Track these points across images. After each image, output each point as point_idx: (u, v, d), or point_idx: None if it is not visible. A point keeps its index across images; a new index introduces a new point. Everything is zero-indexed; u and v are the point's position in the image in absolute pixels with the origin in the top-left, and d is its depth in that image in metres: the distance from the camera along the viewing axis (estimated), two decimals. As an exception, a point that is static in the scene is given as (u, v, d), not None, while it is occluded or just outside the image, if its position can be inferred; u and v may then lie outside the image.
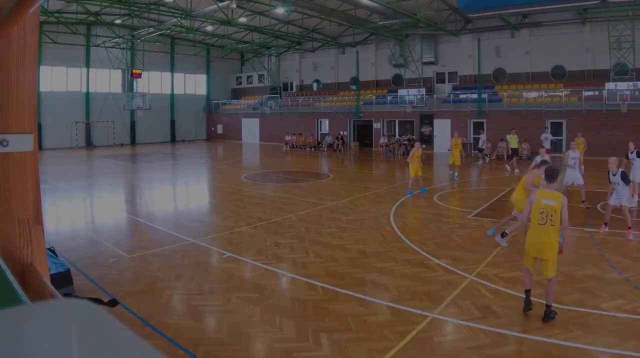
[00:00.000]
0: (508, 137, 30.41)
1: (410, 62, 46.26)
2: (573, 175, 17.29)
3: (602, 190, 18.22)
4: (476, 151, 38.53)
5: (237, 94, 67.39)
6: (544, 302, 8.14)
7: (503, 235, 12.72)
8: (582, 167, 18.58)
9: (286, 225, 15.36)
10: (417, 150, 20.73)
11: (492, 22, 43.01)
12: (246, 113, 60.94)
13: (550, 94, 39.59)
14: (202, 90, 65.18)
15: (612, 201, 13.97)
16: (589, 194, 18.09)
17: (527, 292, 8.42)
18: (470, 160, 36.00)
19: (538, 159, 15.40)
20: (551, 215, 7.96)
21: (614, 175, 13.87)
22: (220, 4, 35.69)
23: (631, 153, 18.34)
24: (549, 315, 8.05)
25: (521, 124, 35.21)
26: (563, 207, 7.98)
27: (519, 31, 43.40)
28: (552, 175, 8.47)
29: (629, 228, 13.67)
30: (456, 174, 25.17)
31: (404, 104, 44.10)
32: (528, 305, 8.34)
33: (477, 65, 45.16)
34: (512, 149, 30.10)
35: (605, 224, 14.15)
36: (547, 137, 32.16)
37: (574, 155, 17.63)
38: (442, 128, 42.37)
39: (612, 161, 14.22)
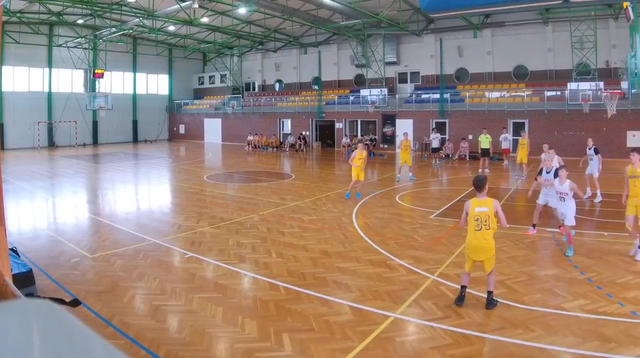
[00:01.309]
0: (480, 137, 30.37)
1: (372, 62, 46.44)
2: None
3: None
4: (429, 152, 38.75)
5: (199, 94, 67.07)
6: (499, 300, 8.49)
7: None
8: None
9: (248, 225, 15.31)
10: (359, 152, 20.01)
11: (454, 22, 43.32)
12: (208, 113, 60.71)
13: (513, 94, 39.96)
14: (164, 90, 64.80)
15: (541, 200, 14.07)
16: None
17: (463, 287, 8.89)
18: (427, 160, 36.23)
19: (555, 162, 15.20)
20: (485, 221, 8.57)
21: (547, 172, 13.98)
22: (182, 4, 35.42)
23: (589, 149, 18.68)
24: (491, 301, 8.61)
25: (483, 124, 35.32)
26: (497, 209, 8.69)
27: (481, 31, 43.84)
28: (479, 185, 8.95)
29: (560, 226, 13.84)
30: (410, 173, 25.32)
31: (366, 104, 44.07)
32: (461, 299, 8.78)
33: (439, 65, 45.62)
34: (482, 148, 29.71)
35: (534, 226, 14.20)
36: (506, 137, 32.50)
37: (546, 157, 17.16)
38: (404, 128, 42.11)
39: (548, 158, 14.41)
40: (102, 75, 50.39)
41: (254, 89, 62.18)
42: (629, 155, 12.24)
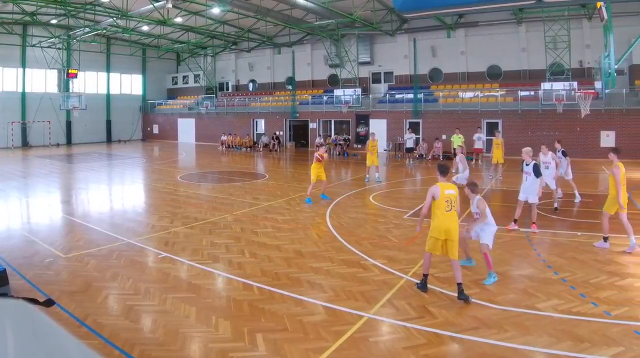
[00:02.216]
0: (452, 137, 30.28)
1: (346, 62, 46.53)
2: (546, 179, 16.46)
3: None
4: (402, 151, 38.95)
5: (172, 94, 66.73)
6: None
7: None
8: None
9: (222, 225, 15.29)
10: (322, 153, 19.75)
11: (428, 22, 43.46)
12: (182, 113, 60.47)
13: (486, 94, 40.13)
14: (137, 90, 64.37)
15: (521, 196, 14.41)
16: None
17: (426, 276, 9.50)
18: (401, 160, 36.36)
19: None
20: (455, 202, 9.23)
21: (527, 165, 14.27)
22: (156, 4, 35.26)
23: (558, 151, 18.88)
24: (462, 292, 8.87)
25: (457, 124, 35.62)
26: (458, 194, 9.38)
27: (455, 31, 44.06)
28: (444, 170, 9.79)
29: (533, 223, 14.24)
30: (377, 174, 25.41)
31: (339, 104, 44.02)
32: (425, 287, 9.42)
33: (412, 65, 45.67)
34: (455, 149, 29.62)
35: (515, 221, 14.52)
36: (479, 137, 32.67)
37: (545, 159, 17.15)
38: (378, 128, 42.33)
39: (527, 151, 14.62)
40: (75, 75, 49.72)
41: (227, 89, 62.07)
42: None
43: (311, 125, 48.84)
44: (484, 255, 10.19)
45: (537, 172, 14.28)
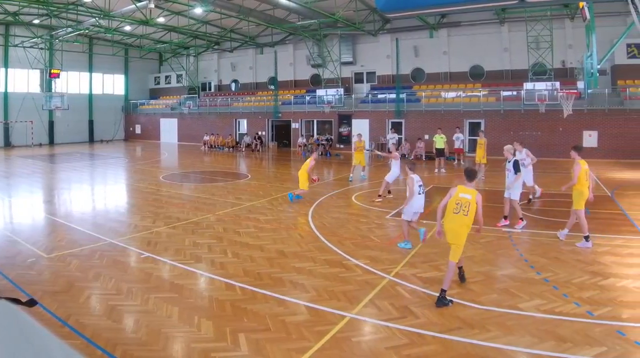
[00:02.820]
0: (435, 137, 30.30)
1: (328, 62, 46.55)
2: (525, 177, 16.60)
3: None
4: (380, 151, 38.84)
5: (155, 94, 66.44)
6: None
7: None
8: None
9: (204, 225, 15.26)
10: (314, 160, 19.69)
11: (411, 22, 43.52)
12: (164, 113, 60.22)
13: (469, 94, 40.27)
14: (120, 90, 64.01)
15: (506, 193, 14.76)
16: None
17: (459, 268, 9.73)
18: (384, 160, 36.37)
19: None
20: (465, 207, 8.96)
21: (508, 162, 14.65)
22: (138, 4, 35.11)
23: (519, 153, 19.14)
24: (441, 300, 8.72)
25: (440, 124, 35.52)
26: (478, 202, 9.05)
27: (437, 31, 44.17)
28: (471, 175, 9.59)
29: (520, 219, 14.59)
30: (362, 173, 25.44)
31: (322, 104, 44.07)
32: (463, 278, 9.78)
33: (395, 65, 45.80)
34: (437, 149, 29.83)
35: (505, 218, 14.83)
36: (458, 137, 32.75)
37: (520, 156, 17.00)
38: (360, 128, 42.28)
39: (508, 149, 14.99)
40: (58, 75, 49.47)
41: (210, 89, 61.89)
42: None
43: (293, 125, 48.77)
44: (402, 224, 12.67)
45: (516, 168, 14.54)
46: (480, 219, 9.22)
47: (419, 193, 12.42)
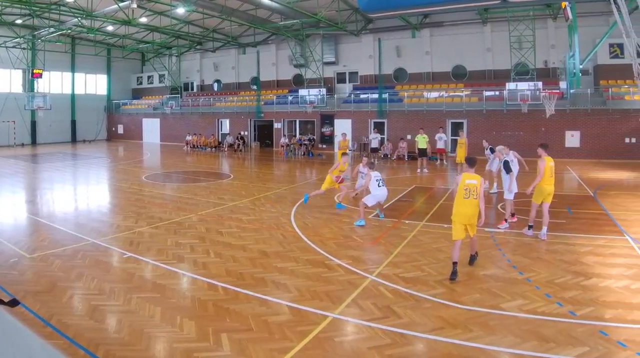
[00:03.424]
0: (417, 137, 30.22)
1: (311, 62, 46.56)
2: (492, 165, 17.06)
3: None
4: (367, 151, 38.81)
5: (137, 94, 65.98)
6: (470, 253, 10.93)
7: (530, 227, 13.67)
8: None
9: (187, 225, 15.23)
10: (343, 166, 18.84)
11: (393, 22, 43.50)
12: (147, 113, 59.85)
13: (451, 94, 40.23)
14: (102, 90, 63.53)
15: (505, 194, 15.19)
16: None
17: (455, 264, 10.18)
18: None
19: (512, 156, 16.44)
20: (474, 191, 10.34)
21: (496, 159, 15.34)
22: (121, 4, 34.91)
23: (486, 149, 19.36)
24: (474, 258, 11.02)
25: (422, 124, 35.41)
26: (481, 185, 10.54)
27: (420, 31, 44.18)
28: (472, 163, 11.05)
29: (511, 215, 15.01)
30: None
31: (304, 104, 43.90)
32: (455, 274, 10.07)
33: (377, 65, 45.76)
34: (419, 149, 29.72)
35: (513, 215, 15.29)
36: (440, 137, 32.77)
37: (508, 158, 16.44)
38: (343, 128, 42.22)
39: (500, 149, 15.77)
40: (40, 75, 49.20)
41: (192, 89, 61.57)
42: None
43: (276, 125, 48.64)
44: (360, 205, 15.27)
45: (507, 168, 14.85)
46: (482, 209, 10.47)
47: (379, 186, 15.25)
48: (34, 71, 48.91)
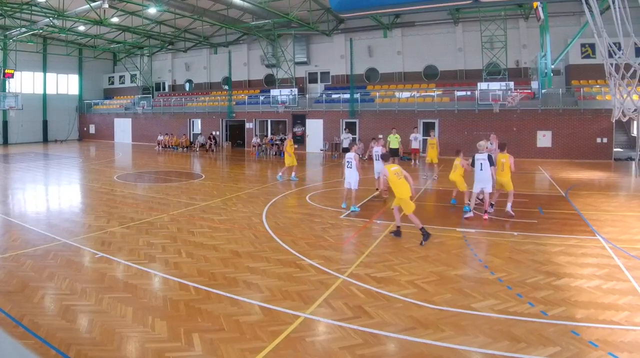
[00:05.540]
0: (389, 136, 29.95)
1: (282, 62, 46.63)
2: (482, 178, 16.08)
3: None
4: (339, 151, 39.02)
5: (109, 94, 65.39)
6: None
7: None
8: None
9: (158, 225, 15.15)
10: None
11: (365, 22, 43.67)
12: (118, 113, 59.33)
13: (423, 94, 40.38)
14: (74, 90, 62.87)
15: (476, 188, 15.88)
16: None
17: (422, 228, 12.90)
18: (338, 160, 36.43)
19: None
20: (400, 173, 13.46)
21: (481, 153, 15.75)
22: (92, 4, 34.50)
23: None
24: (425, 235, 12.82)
25: (394, 124, 35.27)
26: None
27: (391, 31, 44.36)
28: (385, 157, 14.69)
29: (486, 211, 15.61)
30: (294, 173, 25.43)
31: (276, 104, 43.88)
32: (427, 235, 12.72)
33: (349, 65, 45.74)
34: (391, 148, 28.99)
35: (491, 205, 16.04)
36: (415, 137, 32.85)
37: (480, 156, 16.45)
38: (314, 128, 42.66)
39: (481, 145, 15.97)
40: (12, 75, 48.77)
41: (164, 89, 61.26)
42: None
43: (248, 125, 48.57)
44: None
45: (491, 161, 15.31)
46: (410, 181, 13.65)
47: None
48: (6, 71, 48.41)
